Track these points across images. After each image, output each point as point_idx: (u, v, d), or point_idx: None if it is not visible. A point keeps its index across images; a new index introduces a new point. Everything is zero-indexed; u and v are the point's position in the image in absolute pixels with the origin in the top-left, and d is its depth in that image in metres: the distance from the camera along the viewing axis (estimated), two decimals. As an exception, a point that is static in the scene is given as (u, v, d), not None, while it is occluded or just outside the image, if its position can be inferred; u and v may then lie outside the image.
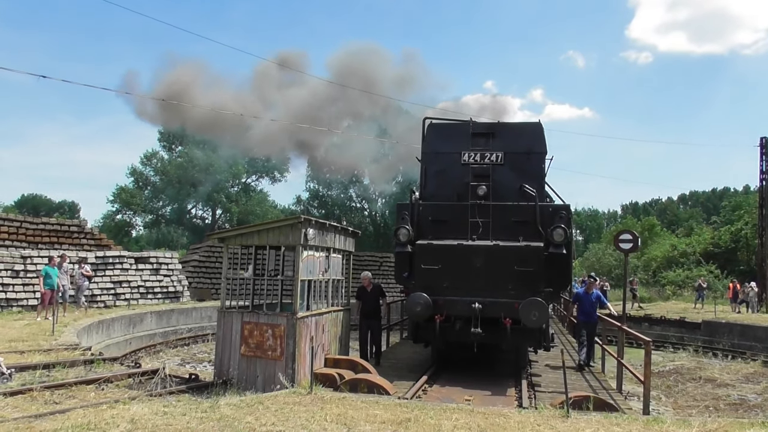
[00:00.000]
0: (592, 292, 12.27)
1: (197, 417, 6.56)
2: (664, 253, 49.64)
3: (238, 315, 9.64)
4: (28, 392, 7.84)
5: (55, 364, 9.65)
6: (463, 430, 6.29)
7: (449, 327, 10.77)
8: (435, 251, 11.01)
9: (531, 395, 9.69)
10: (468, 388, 9.97)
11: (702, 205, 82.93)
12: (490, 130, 12.29)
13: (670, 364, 19.67)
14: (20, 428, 5.88)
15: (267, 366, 9.20)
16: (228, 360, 9.57)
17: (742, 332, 22.52)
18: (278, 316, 9.38)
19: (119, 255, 21.97)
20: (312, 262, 10.01)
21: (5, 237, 20.39)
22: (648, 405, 8.42)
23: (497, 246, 10.87)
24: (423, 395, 9.44)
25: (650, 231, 60.07)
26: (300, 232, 9.38)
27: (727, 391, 15.41)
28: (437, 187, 12.29)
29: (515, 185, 11.60)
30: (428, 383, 10.32)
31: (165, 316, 20.83)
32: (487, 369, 11.60)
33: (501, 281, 10.57)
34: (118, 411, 6.76)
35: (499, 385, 10.31)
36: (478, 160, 11.95)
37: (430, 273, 10.88)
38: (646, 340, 8.78)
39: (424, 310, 10.51)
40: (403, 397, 8.39)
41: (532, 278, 10.46)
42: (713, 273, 40.90)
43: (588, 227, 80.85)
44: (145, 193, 54.96)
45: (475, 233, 11.34)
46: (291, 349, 9.06)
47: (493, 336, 10.48)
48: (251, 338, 9.39)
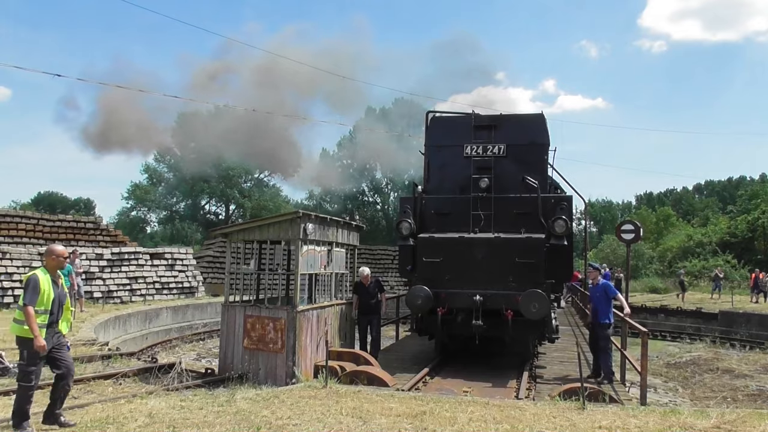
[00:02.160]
0: (597, 283, 10.30)
1: (214, 411, 6.61)
2: (679, 243, 49.20)
3: (241, 309, 9.83)
4: (47, 387, 7.92)
5: (73, 359, 9.74)
6: (478, 423, 6.27)
7: (451, 319, 10.86)
8: (436, 244, 11.08)
9: (531, 387, 9.72)
10: (469, 380, 10.03)
11: (718, 195, 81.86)
12: (492, 122, 12.26)
13: (686, 355, 19.49)
14: (39, 422, 5.96)
15: (269, 358, 9.38)
16: (232, 353, 9.76)
17: (760, 322, 22.29)
18: (279, 310, 9.54)
19: (134, 251, 22.16)
20: (313, 257, 10.13)
21: (23, 234, 20.65)
22: (645, 395, 8.30)
23: (498, 238, 10.90)
24: (423, 387, 9.55)
25: (665, 221, 59.55)
26: (299, 227, 9.51)
27: (746, 382, 15.24)
28: (440, 180, 12.36)
29: (518, 177, 11.56)
30: (430, 375, 10.42)
31: (180, 312, 21.01)
32: (492, 361, 11.63)
33: (502, 273, 10.61)
34: (136, 405, 6.83)
35: (502, 377, 10.31)
36: (481, 153, 11.97)
37: (432, 266, 10.97)
38: (643, 331, 8.68)
39: (424, 303, 10.59)
40: (401, 389, 8.49)
41: (533, 270, 10.47)
42: (730, 263, 40.44)
43: (602, 218, 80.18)
44: (159, 190, 55.35)
45: (478, 226, 11.37)
46: (291, 342, 9.23)
47: (495, 328, 10.53)
48: (254, 331, 9.58)
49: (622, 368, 10.35)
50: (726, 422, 6.27)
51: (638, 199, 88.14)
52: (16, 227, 20.60)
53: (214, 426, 5.96)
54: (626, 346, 10.19)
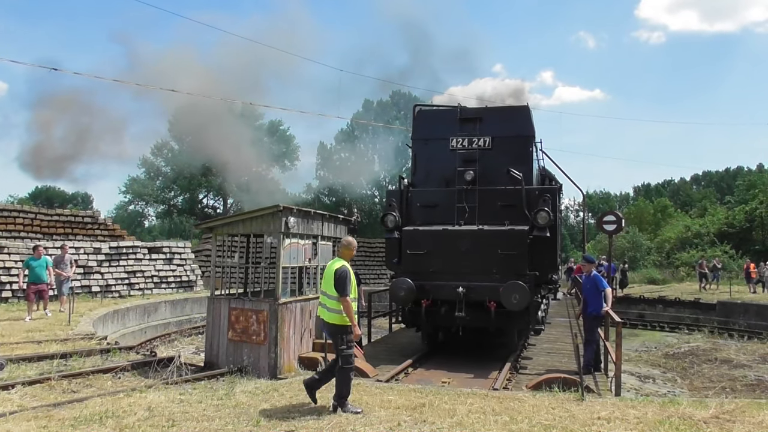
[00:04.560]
0: (590, 273, 10.03)
1: (213, 404, 6.61)
2: (677, 234, 49.23)
3: (226, 301, 9.94)
4: (46, 381, 7.92)
5: (72, 353, 9.75)
6: (477, 414, 6.28)
7: (436, 311, 10.96)
8: (421, 237, 11.21)
9: (512, 378, 9.83)
10: (452, 371, 10.13)
11: (715, 185, 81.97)
12: (477, 115, 12.30)
13: (685, 346, 19.55)
14: (39, 417, 5.95)
15: (252, 350, 9.50)
16: (217, 345, 9.90)
17: (758, 312, 22.33)
18: (261, 302, 9.65)
19: (132, 245, 22.11)
20: (296, 250, 10.19)
21: (20, 229, 20.59)
22: (619, 386, 8.31)
23: (481, 230, 11.00)
24: (404, 378, 9.71)
25: (663, 212, 59.61)
26: (281, 221, 9.59)
27: (744, 372, 15.29)
28: (427, 173, 12.44)
29: (503, 169, 11.58)
30: (413, 367, 10.56)
31: (179, 305, 21.00)
32: (478, 353, 11.71)
33: (486, 265, 10.71)
34: (135, 399, 6.83)
35: (485, 368, 10.37)
36: (466, 146, 12.03)
37: (417, 258, 11.12)
38: (618, 322, 8.70)
39: (407, 295, 10.72)
40: (378, 380, 8.67)
41: (516, 262, 10.57)
42: (728, 253, 40.50)
43: (600, 210, 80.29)
44: (156, 184, 55.18)
45: (462, 218, 11.45)
46: (273, 334, 9.34)
47: (479, 319, 10.65)
48: (237, 323, 9.70)
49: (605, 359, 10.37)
50: (725, 412, 6.28)
51: (636, 190, 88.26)
52: (14, 221, 20.53)
53: (214, 420, 5.96)
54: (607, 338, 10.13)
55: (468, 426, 5.83)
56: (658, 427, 5.79)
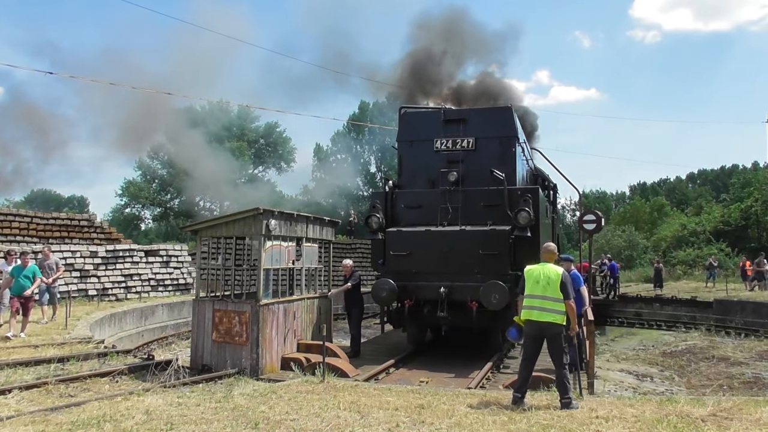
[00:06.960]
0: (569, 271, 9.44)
1: (211, 407, 6.59)
2: (673, 232, 49.30)
3: (210, 303, 10.03)
4: (44, 385, 7.89)
5: (69, 357, 9.72)
6: (476, 415, 6.28)
7: (419, 311, 11.06)
8: (404, 238, 11.31)
9: (491, 377, 9.94)
10: (434, 371, 10.21)
11: (711, 184, 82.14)
12: (461, 116, 12.42)
13: (682, 344, 19.58)
14: (36, 421, 5.93)
15: (235, 351, 9.60)
16: (202, 346, 9.98)
17: (755, 310, 22.37)
18: (244, 304, 9.74)
19: (129, 248, 22.05)
20: (278, 252, 10.25)
21: (17, 232, 20.50)
22: (593, 384, 8.36)
23: (463, 231, 11.10)
24: (385, 378, 9.84)
25: (659, 211, 59.72)
26: (261, 223, 9.63)
27: (741, 370, 15.32)
28: (413, 174, 12.54)
29: (487, 170, 11.65)
30: (396, 366, 10.66)
31: (176, 308, 20.93)
32: (465, 353, 11.76)
33: (468, 265, 10.80)
34: (133, 403, 6.81)
35: (469, 367, 10.40)
36: (450, 147, 12.13)
37: (400, 259, 11.22)
38: (589, 320, 8.80)
39: (389, 296, 10.83)
40: (355, 379, 8.79)
41: (497, 262, 10.67)
42: (724, 251, 40.61)
43: (596, 209, 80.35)
44: (153, 186, 55.05)
45: (446, 219, 11.52)
46: (255, 335, 9.44)
47: (461, 319, 10.73)
48: (221, 325, 9.80)
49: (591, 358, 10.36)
50: (722, 410, 6.29)
51: (632, 189, 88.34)
52: (10, 225, 20.43)
53: (212, 422, 5.94)
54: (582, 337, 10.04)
55: (467, 426, 5.83)
56: (656, 425, 5.80)
